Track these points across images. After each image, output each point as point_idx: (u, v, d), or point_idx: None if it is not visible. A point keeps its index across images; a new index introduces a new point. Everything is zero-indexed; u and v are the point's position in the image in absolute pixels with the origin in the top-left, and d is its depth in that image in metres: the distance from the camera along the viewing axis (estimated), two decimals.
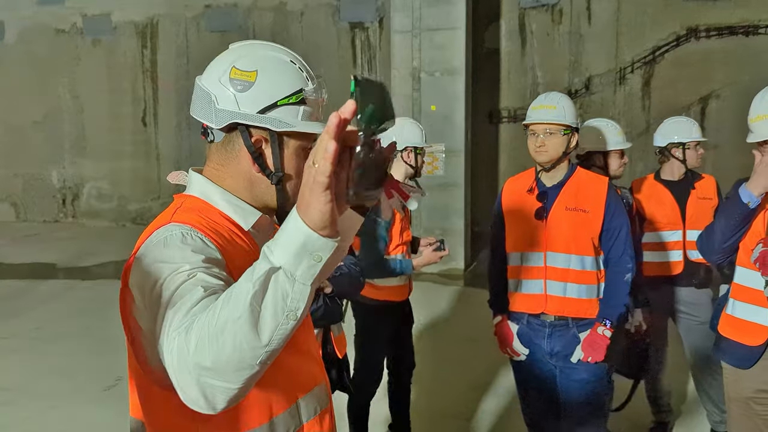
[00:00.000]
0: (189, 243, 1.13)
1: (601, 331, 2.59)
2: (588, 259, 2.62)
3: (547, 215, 2.65)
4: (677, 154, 3.58)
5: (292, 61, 1.28)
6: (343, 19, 10.46)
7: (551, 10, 9.63)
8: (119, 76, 11.51)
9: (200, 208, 1.26)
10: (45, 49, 11.69)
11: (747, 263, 2.38)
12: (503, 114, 10.06)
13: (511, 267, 2.77)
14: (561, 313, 2.66)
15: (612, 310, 2.62)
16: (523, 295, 2.72)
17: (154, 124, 11.56)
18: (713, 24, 8.89)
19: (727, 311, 2.50)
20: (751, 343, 2.38)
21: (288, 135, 1.26)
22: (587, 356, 2.60)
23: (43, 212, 12.20)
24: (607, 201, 2.62)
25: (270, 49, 1.30)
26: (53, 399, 4.30)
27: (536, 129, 2.65)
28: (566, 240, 2.62)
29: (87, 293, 7.11)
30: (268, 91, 1.24)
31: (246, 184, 1.28)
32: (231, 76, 1.25)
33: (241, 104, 1.23)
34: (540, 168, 2.72)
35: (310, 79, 1.28)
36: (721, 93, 8.79)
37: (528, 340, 2.74)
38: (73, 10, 11.56)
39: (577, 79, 9.61)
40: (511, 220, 2.78)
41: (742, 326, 2.42)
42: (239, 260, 1.18)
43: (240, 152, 1.27)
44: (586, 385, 2.68)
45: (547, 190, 2.69)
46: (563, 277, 2.63)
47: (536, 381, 2.80)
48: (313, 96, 1.27)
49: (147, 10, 11.26)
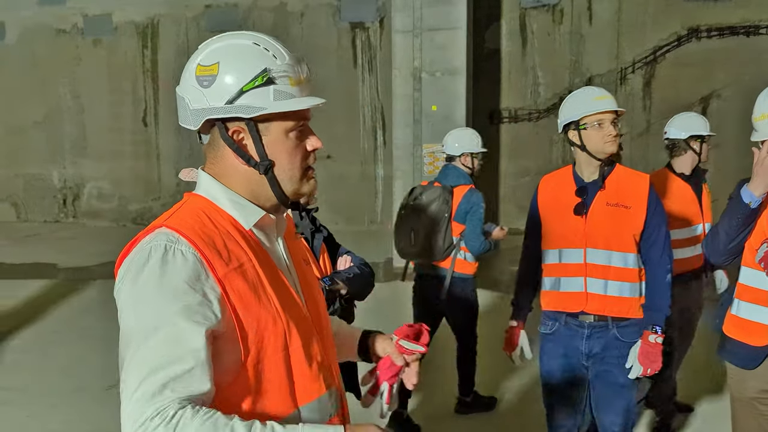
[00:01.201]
0: (168, 271, 1.13)
1: (653, 339, 2.52)
2: (630, 256, 2.56)
3: (587, 211, 2.59)
4: (695, 147, 3.59)
5: (256, 43, 1.22)
6: (344, 19, 10.46)
7: (552, 10, 9.63)
8: (120, 77, 11.51)
9: (203, 208, 1.25)
10: (45, 49, 11.69)
11: (752, 263, 2.37)
12: (504, 114, 10.05)
13: (547, 265, 2.70)
14: (601, 312, 2.59)
15: (658, 315, 2.55)
16: (561, 293, 2.65)
17: (155, 124, 11.56)
18: (714, 24, 8.89)
19: (731, 311, 2.48)
20: (756, 343, 2.37)
21: (267, 119, 1.22)
22: (646, 369, 2.53)
23: (44, 212, 12.20)
24: (649, 197, 2.57)
25: (231, 37, 1.25)
26: (55, 398, 4.30)
27: (605, 118, 2.55)
28: (607, 236, 2.56)
29: (88, 293, 7.12)
30: (231, 80, 1.20)
31: (243, 181, 1.27)
32: (197, 74, 1.23)
33: (209, 100, 1.21)
34: (599, 162, 2.60)
35: (278, 56, 1.22)
36: (722, 93, 8.79)
37: (565, 342, 2.66)
38: (74, 10, 11.56)
39: (578, 79, 9.61)
40: (549, 217, 2.71)
41: (747, 326, 2.40)
42: (234, 262, 1.19)
43: (224, 149, 1.26)
44: (621, 390, 2.62)
45: (587, 186, 2.62)
46: (604, 274, 2.56)
47: (565, 386, 2.71)
48: (282, 73, 1.21)
49: (147, 10, 11.26)
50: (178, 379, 1.08)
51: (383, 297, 6.16)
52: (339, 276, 2.68)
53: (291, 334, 1.24)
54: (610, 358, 2.60)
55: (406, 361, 1.44)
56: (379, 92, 10.45)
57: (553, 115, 9.66)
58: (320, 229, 2.86)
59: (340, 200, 9.88)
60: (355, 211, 10.50)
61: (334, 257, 2.89)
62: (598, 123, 2.55)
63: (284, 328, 1.23)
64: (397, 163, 8.09)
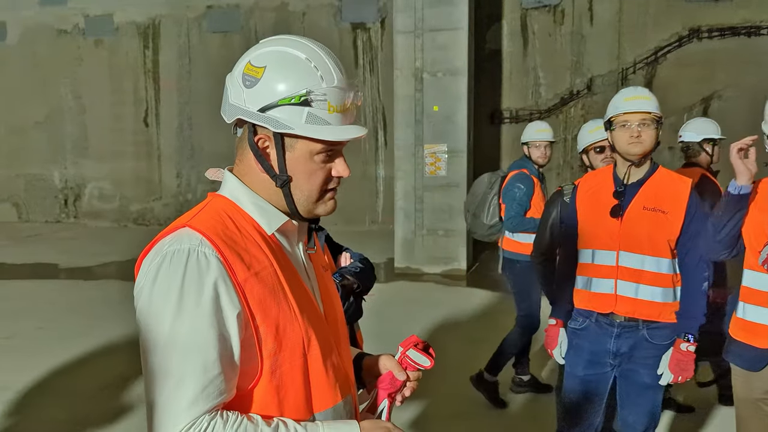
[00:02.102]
0: (190, 276, 1.12)
1: (685, 348, 2.49)
2: (664, 261, 2.53)
3: (623, 213, 2.56)
4: (708, 149, 3.87)
5: (308, 58, 1.18)
6: (345, 19, 10.47)
7: (553, 10, 9.63)
8: (121, 77, 11.53)
9: (226, 210, 1.24)
10: (47, 49, 11.71)
11: (755, 266, 2.38)
12: (505, 114, 10.06)
13: (582, 264, 2.69)
14: (632, 314, 2.57)
15: (692, 323, 2.51)
16: (592, 293, 2.64)
17: (156, 124, 11.57)
18: (715, 24, 8.89)
19: (737, 314, 2.49)
20: (762, 345, 2.38)
21: (293, 137, 1.19)
22: (677, 377, 2.51)
23: (45, 213, 12.22)
24: (689, 204, 2.52)
25: (289, 43, 1.21)
26: (55, 398, 4.31)
27: (631, 119, 2.51)
28: (641, 240, 2.53)
29: (89, 293, 7.12)
30: (270, 89, 1.17)
31: (262, 184, 1.25)
32: (244, 71, 1.21)
33: (246, 100, 1.19)
34: (629, 163, 2.58)
35: (325, 78, 1.18)
36: (723, 93, 8.79)
37: (593, 338, 2.65)
38: (75, 10, 11.58)
39: (579, 79, 9.61)
40: (585, 217, 2.70)
41: (752, 329, 2.41)
42: (255, 267, 1.18)
43: (249, 150, 1.24)
44: (646, 391, 2.61)
45: (625, 188, 2.59)
46: (636, 278, 2.54)
47: (586, 382, 2.70)
48: (322, 97, 1.17)
49: (149, 10, 11.27)
50: (206, 388, 1.10)
51: (384, 297, 6.18)
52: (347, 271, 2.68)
53: (310, 341, 1.22)
54: (638, 358, 2.59)
55: (408, 376, 1.40)
56: (381, 93, 10.45)
57: (554, 115, 9.67)
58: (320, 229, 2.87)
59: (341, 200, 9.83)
60: (357, 211, 10.51)
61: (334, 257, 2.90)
62: (623, 124, 2.53)
63: (303, 334, 1.21)
64: (399, 163, 8.09)
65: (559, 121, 9.66)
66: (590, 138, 3.56)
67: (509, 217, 4.14)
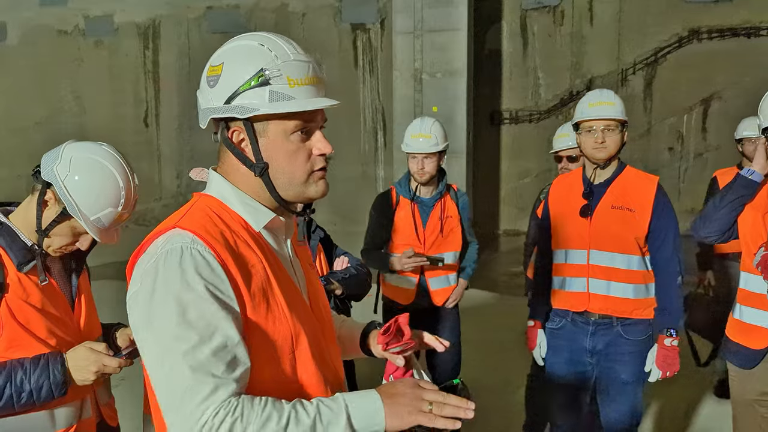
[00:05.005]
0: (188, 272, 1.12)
1: (669, 343, 2.53)
2: (634, 258, 2.58)
3: (592, 213, 2.62)
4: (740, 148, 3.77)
5: (261, 44, 1.21)
6: (345, 20, 10.47)
7: (553, 11, 9.64)
8: (121, 78, 11.53)
9: (214, 209, 1.24)
10: (47, 50, 11.71)
11: (752, 268, 2.40)
12: (505, 115, 10.06)
13: (556, 264, 2.74)
14: (605, 311, 2.62)
15: (672, 318, 2.56)
16: (566, 292, 2.70)
17: (156, 125, 11.57)
18: (715, 25, 8.90)
19: (734, 316, 2.52)
20: (755, 346, 2.41)
21: (265, 119, 1.20)
22: (665, 372, 2.55)
23: None
24: (656, 201, 2.57)
25: (242, 38, 1.25)
26: None
27: (596, 125, 2.57)
28: (610, 238, 2.58)
29: None
30: (231, 80, 1.20)
31: (246, 181, 1.26)
32: (207, 74, 1.25)
33: (213, 99, 1.22)
34: (594, 166, 2.64)
35: (279, 56, 1.19)
36: (723, 94, 8.79)
37: (569, 337, 2.70)
38: (76, 11, 11.59)
39: (578, 80, 9.62)
40: (557, 218, 2.76)
41: (747, 330, 2.44)
42: (245, 263, 1.19)
43: (227, 149, 1.26)
44: (625, 387, 2.64)
45: (593, 188, 2.65)
46: (607, 275, 2.59)
47: (568, 381, 2.74)
48: (277, 73, 1.18)
49: (149, 11, 11.28)
50: (224, 374, 1.09)
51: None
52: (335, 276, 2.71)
53: (298, 337, 1.23)
54: (614, 355, 2.63)
55: (406, 359, 1.43)
56: (380, 93, 10.46)
57: (553, 116, 9.68)
58: (316, 230, 2.89)
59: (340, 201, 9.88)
60: (355, 212, 10.50)
61: (330, 258, 2.91)
62: (588, 129, 2.59)
63: (291, 331, 1.22)
64: (398, 164, 8.10)
65: (558, 122, 9.66)
66: (556, 145, 3.60)
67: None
